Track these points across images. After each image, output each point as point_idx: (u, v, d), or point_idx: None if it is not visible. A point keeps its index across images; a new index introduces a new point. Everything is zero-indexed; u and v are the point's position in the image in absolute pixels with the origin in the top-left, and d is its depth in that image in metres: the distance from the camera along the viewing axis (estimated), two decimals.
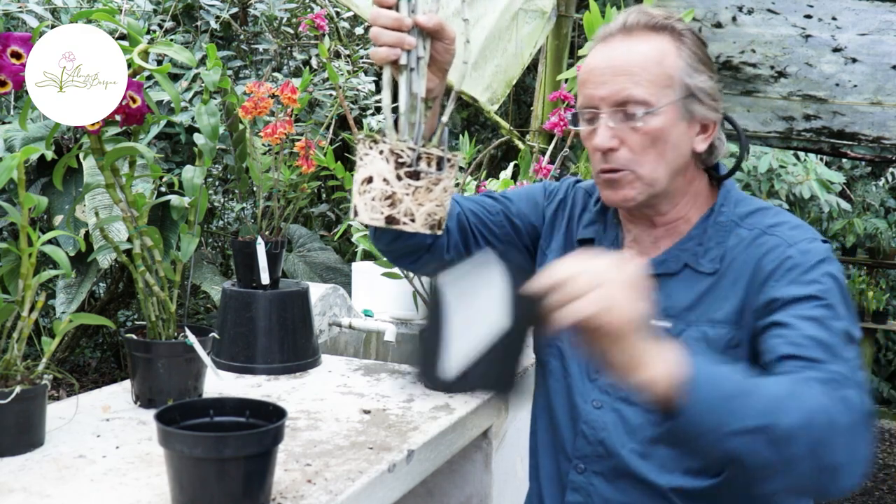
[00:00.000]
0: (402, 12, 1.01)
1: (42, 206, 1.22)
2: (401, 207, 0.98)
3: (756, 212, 1.20)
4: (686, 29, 1.17)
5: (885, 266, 6.13)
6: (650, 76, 1.13)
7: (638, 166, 1.16)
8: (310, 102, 3.49)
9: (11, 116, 3.18)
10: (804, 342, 1.02)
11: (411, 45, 1.01)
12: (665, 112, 1.13)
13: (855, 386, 0.98)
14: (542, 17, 3.05)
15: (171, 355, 1.46)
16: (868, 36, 3.00)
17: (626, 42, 1.16)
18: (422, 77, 1.03)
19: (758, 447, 0.89)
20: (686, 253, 1.19)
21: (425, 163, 0.98)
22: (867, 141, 4.04)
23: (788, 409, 0.90)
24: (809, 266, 1.10)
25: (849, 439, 0.92)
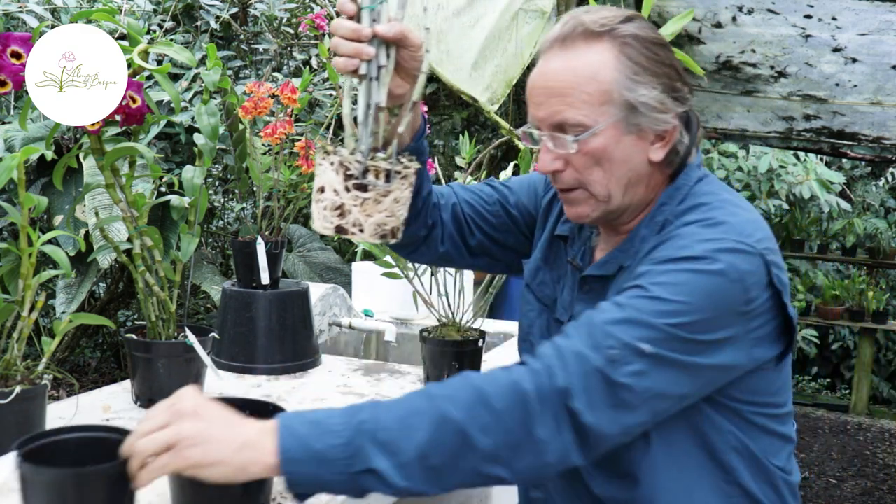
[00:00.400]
0: (363, 22, 1.01)
1: (42, 206, 1.22)
2: (349, 218, 1.00)
3: (695, 207, 1.11)
4: (630, 34, 1.08)
5: (885, 266, 6.13)
6: (585, 96, 1.07)
7: (587, 185, 1.12)
8: (310, 102, 3.49)
9: (11, 116, 3.18)
10: (581, 319, 0.99)
11: (369, 56, 1.01)
12: (604, 131, 1.08)
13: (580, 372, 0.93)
14: (542, 17, 3.05)
15: (171, 355, 1.46)
16: (868, 36, 3.00)
17: (562, 56, 1.09)
18: (382, 86, 1.03)
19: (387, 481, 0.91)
20: (623, 255, 1.15)
21: (373, 175, 1.00)
22: (867, 141, 4.04)
23: (413, 428, 0.92)
24: (669, 259, 1.02)
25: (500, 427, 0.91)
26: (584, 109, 1.07)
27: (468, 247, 1.35)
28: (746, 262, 1.01)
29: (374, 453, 0.91)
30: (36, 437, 1.00)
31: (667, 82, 1.09)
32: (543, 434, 0.92)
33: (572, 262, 1.23)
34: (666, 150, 1.12)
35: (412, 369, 1.85)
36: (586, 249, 1.24)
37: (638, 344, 0.95)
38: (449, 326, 1.75)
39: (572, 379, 0.93)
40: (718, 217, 1.06)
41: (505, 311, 3.39)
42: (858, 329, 5.91)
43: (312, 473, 0.91)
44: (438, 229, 1.31)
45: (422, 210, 1.27)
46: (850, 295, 5.91)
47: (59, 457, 1.00)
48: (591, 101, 1.07)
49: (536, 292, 1.29)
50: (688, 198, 1.13)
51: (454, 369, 1.68)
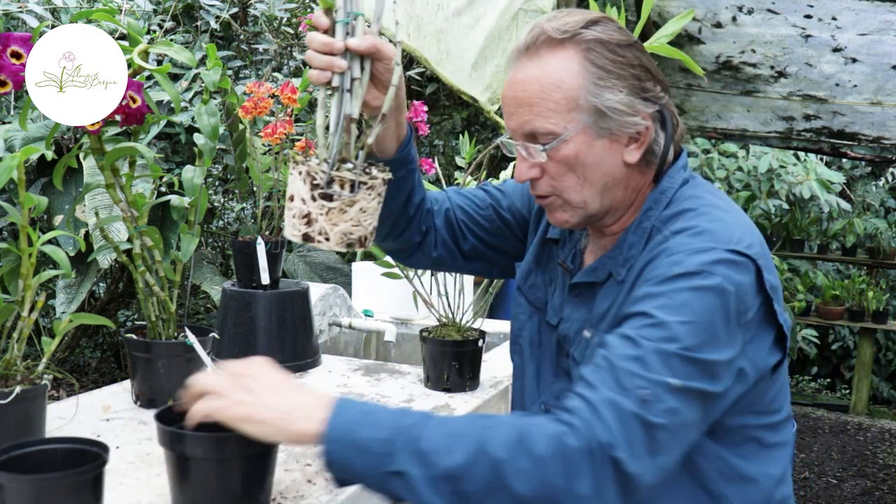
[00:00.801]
0: (336, 36, 1.03)
1: (42, 206, 1.22)
2: (315, 227, 1.02)
3: (677, 214, 1.10)
4: (594, 39, 1.08)
5: (885, 266, 6.13)
6: (552, 104, 1.07)
7: (562, 192, 1.12)
8: (310, 102, 3.49)
9: (11, 116, 3.18)
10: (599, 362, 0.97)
11: (341, 69, 1.02)
12: (574, 138, 1.08)
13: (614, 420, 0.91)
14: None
15: (171, 355, 1.46)
16: (868, 36, 3.00)
17: (529, 65, 1.10)
18: (356, 98, 1.04)
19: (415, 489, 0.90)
20: (612, 262, 1.14)
21: (338, 185, 1.01)
22: (867, 141, 4.04)
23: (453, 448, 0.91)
24: (665, 278, 1.00)
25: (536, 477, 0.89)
26: (553, 118, 1.08)
27: (462, 251, 1.35)
28: (739, 272, 1.00)
29: (409, 458, 0.91)
30: (26, 444, 1.03)
31: (635, 84, 1.09)
32: (584, 491, 0.89)
33: (563, 265, 1.24)
34: (641, 151, 1.11)
35: (412, 369, 1.85)
36: (576, 252, 1.24)
37: (666, 379, 0.94)
38: (449, 326, 1.75)
39: (612, 430, 0.90)
40: (703, 224, 1.05)
41: (505, 311, 3.39)
42: (858, 329, 5.91)
43: (348, 459, 0.92)
44: (432, 235, 1.32)
45: (415, 216, 1.27)
46: (850, 295, 5.92)
47: (44, 466, 1.02)
48: (559, 108, 1.07)
49: (528, 295, 1.30)
50: (673, 202, 1.12)
51: (454, 369, 1.68)
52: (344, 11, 1.02)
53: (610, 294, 1.13)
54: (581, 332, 1.16)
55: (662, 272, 1.01)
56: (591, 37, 1.08)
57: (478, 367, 1.72)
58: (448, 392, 1.67)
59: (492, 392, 1.70)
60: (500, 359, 1.98)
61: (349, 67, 1.02)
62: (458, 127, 5.29)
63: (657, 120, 1.12)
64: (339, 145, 1.03)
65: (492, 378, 1.79)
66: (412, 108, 1.71)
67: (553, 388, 1.22)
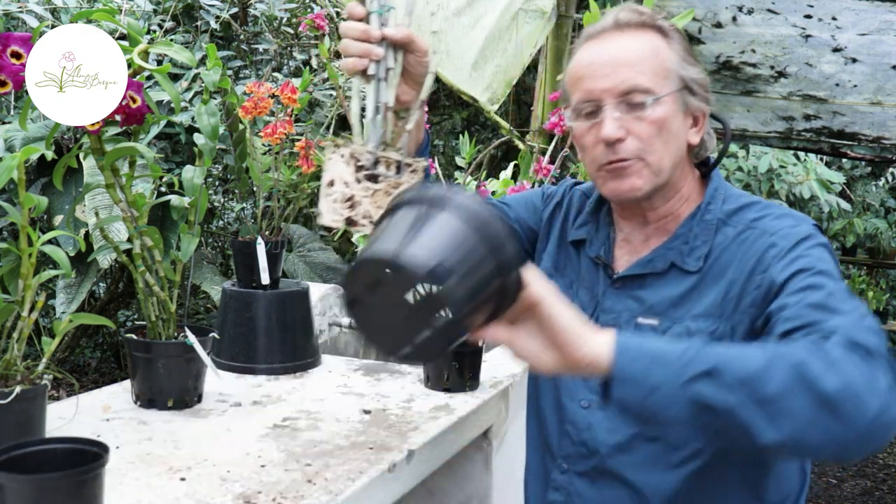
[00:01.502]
0: (371, 24, 1.03)
1: (42, 206, 1.22)
2: (359, 210, 1.00)
3: (742, 208, 1.20)
4: (671, 27, 1.20)
5: (885, 266, 6.13)
6: (650, 67, 1.15)
7: (646, 154, 1.16)
8: (310, 102, 3.49)
9: (11, 116, 3.18)
10: (800, 313, 0.99)
11: (378, 56, 1.03)
12: (667, 101, 1.16)
13: (860, 330, 0.92)
14: (542, 17, 3.05)
15: (171, 355, 1.46)
16: (868, 36, 3.00)
17: (620, 37, 1.18)
18: (391, 87, 1.05)
19: (722, 390, 0.85)
20: (673, 252, 1.20)
21: (384, 166, 1.00)
22: (867, 141, 4.04)
23: (747, 356, 0.87)
24: (791, 245, 1.09)
25: (839, 372, 0.85)
26: (652, 78, 1.15)
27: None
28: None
29: (710, 361, 0.86)
30: (26, 444, 1.03)
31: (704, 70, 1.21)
32: (885, 383, 0.87)
33: (598, 259, 1.27)
34: (699, 136, 1.21)
35: (412, 369, 1.85)
36: (607, 247, 1.28)
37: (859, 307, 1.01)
38: None
39: (876, 338, 0.92)
40: (777, 210, 1.18)
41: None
42: None
43: (642, 370, 0.86)
44: None
45: None
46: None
47: (44, 466, 1.02)
48: (656, 71, 1.16)
49: None
50: (728, 198, 1.22)
51: (454, 369, 1.68)
52: (379, 2, 1.03)
53: (677, 283, 1.18)
54: (633, 320, 1.20)
55: (783, 244, 1.10)
56: (668, 26, 1.20)
57: (478, 368, 1.72)
58: (448, 392, 1.67)
59: (492, 392, 1.70)
60: (501, 359, 1.98)
61: (384, 56, 1.03)
62: (458, 127, 5.29)
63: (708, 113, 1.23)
64: (379, 130, 1.02)
65: (492, 378, 1.79)
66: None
67: (590, 383, 1.23)
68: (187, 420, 1.44)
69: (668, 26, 1.20)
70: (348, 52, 1.05)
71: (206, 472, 1.21)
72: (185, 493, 1.14)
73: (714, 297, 1.15)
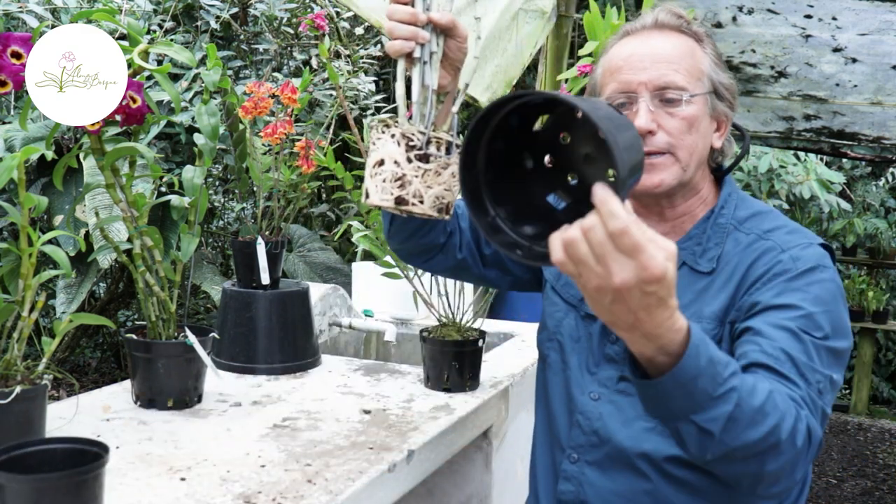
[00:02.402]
0: (416, 8, 1.05)
1: (42, 206, 1.22)
2: (410, 189, 1.00)
3: (755, 216, 1.23)
4: (705, 34, 1.25)
5: (885, 266, 6.13)
6: (687, 65, 1.19)
7: (676, 149, 1.19)
8: (310, 102, 3.49)
9: (11, 116, 3.18)
10: (777, 354, 1.04)
11: (425, 39, 1.05)
12: (698, 101, 1.19)
13: (815, 413, 1.02)
14: (542, 17, 3.05)
15: (171, 355, 1.46)
16: (868, 36, 3.00)
17: (661, 37, 1.22)
18: (434, 70, 1.06)
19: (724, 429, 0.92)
20: (685, 252, 1.22)
21: (435, 146, 1.01)
22: (867, 141, 4.04)
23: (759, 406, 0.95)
24: (797, 273, 1.12)
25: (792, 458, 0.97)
26: (688, 77, 1.19)
27: (483, 256, 1.40)
28: (831, 260, 1.17)
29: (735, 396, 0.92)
30: (26, 444, 1.03)
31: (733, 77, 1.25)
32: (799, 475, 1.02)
33: None
34: (722, 140, 1.25)
35: (412, 369, 1.85)
36: None
37: (832, 374, 1.06)
38: (449, 326, 1.74)
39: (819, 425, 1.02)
40: (790, 224, 1.21)
41: (505, 311, 3.39)
42: (858, 329, 5.91)
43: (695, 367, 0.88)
44: (457, 237, 1.35)
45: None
46: (850, 295, 5.91)
47: (44, 466, 1.02)
48: (692, 71, 1.20)
49: (562, 293, 1.34)
50: (741, 204, 1.26)
51: (454, 369, 1.68)
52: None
53: (688, 283, 1.21)
54: None
55: (787, 268, 1.13)
56: (703, 33, 1.25)
57: (478, 368, 1.72)
58: (448, 392, 1.67)
59: (492, 392, 1.70)
60: (500, 359, 1.98)
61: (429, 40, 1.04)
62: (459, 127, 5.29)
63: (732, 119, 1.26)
64: (427, 111, 1.03)
65: (492, 378, 1.79)
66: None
67: (598, 376, 1.26)
68: (187, 420, 1.44)
69: (702, 32, 1.24)
70: (395, 34, 1.06)
71: (206, 472, 1.21)
72: (185, 493, 1.14)
73: (722, 302, 1.17)
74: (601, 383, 1.25)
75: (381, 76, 4.54)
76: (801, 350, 1.05)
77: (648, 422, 1.20)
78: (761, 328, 1.08)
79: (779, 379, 1.02)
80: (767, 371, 1.03)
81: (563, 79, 1.91)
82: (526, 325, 2.42)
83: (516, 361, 1.95)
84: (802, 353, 1.05)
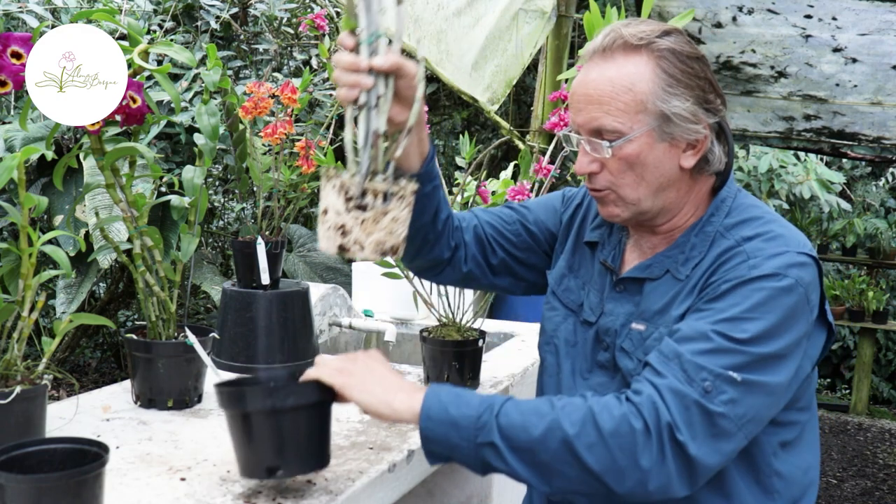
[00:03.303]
0: (361, 55, 1.07)
1: (42, 206, 1.22)
2: (350, 237, 1.06)
3: (743, 223, 1.19)
4: (667, 48, 1.15)
5: (885, 266, 6.13)
6: (621, 105, 1.14)
7: (618, 188, 1.18)
8: (310, 102, 3.49)
9: (11, 116, 3.18)
10: (668, 352, 1.08)
11: (367, 86, 1.07)
12: (638, 139, 1.14)
13: (679, 402, 1.03)
14: (542, 17, 3.05)
15: (171, 355, 1.46)
16: (868, 36, 3.00)
17: (601, 66, 1.16)
18: (381, 114, 1.08)
19: (502, 458, 1.06)
20: (669, 260, 1.21)
21: (371, 197, 1.06)
22: (867, 141, 4.04)
23: (531, 425, 1.05)
24: (746, 279, 1.09)
25: (602, 450, 1.03)
26: (621, 117, 1.14)
27: (490, 266, 1.40)
28: (808, 273, 1.11)
29: (496, 432, 1.06)
30: (26, 444, 1.03)
31: (700, 94, 1.16)
32: (647, 463, 1.02)
33: (605, 264, 1.29)
34: (697, 158, 1.18)
35: (412, 369, 1.85)
36: (617, 252, 1.30)
37: (728, 373, 1.05)
38: (449, 326, 1.75)
39: (675, 414, 1.03)
40: (775, 230, 1.15)
41: (505, 311, 3.39)
42: (858, 329, 5.91)
43: (444, 434, 1.07)
44: (462, 250, 1.37)
45: (443, 232, 1.31)
46: (850, 295, 5.91)
47: (44, 466, 1.03)
48: (627, 109, 1.14)
49: (562, 298, 1.35)
50: (733, 211, 1.21)
51: (454, 369, 1.68)
52: (367, 32, 1.06)
53: (667, 290, 1.20)
54: (628, 325, 1.22)
55: (740, 274, 1.10)
56: (665, 46, 1.15)
57: (478, 368, 1.72)
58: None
59: (492, 392, 1.70)
60: (500, 359, 1.98)
61: (374, 85, 1.07)
62: (458, 127, 5.30)
63: (714, 130, 1.19)
64: (370, 159, 1.07)
65: (492, 378, 1.79)
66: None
67: (590, 381, 1.27)
68: (187, 420, 1.44)
69: (663, 47, 1.15)
70: (339, 82, 1.08)
71: (206, 472, 1.21)
72: (185, 493, 1.14)
73: (686, 306, 1.16)
74: (592, 389, 1.25)
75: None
76: (700, 351, 1.06)
77: None
78: (680, 327, 1.11)
79: (644, 376, 1.07)
80: (645, 369, 1.09)
81: (562, 79, 1.92)
82: (526, 325, 2.42)
83: (516, 361, 1.95)
84: (700, 353, 1.05)
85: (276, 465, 1.08)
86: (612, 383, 1.24)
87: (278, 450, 1.08)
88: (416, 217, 1.20)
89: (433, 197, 1.25)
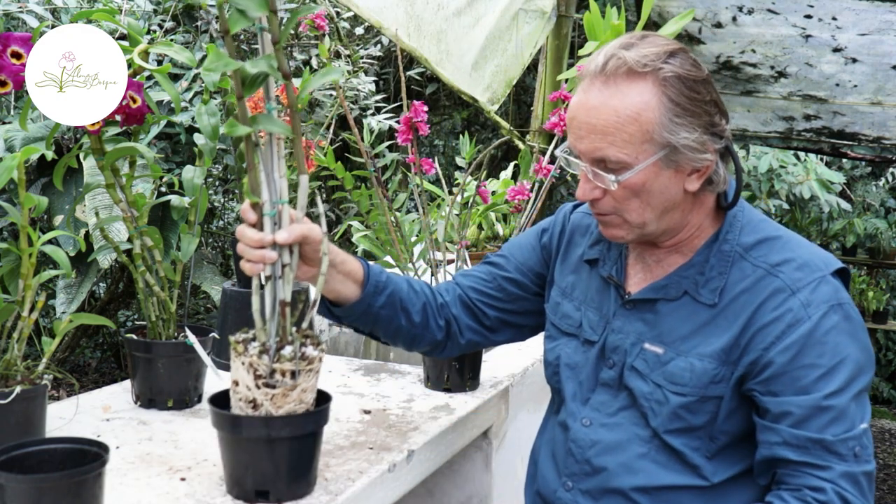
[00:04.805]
0: (265, 229, 1.09)
1: (42, 206, 1.22)
2: (262, 410, 1.08)
3: (762, 242, 1.17)
4: (673, 74, 1.10)
5: (885, 266, 6.13)
6: (626, 136, 1.10)
7: (623, 213, 1.17)
8: (310, 102, 3.49)
9: (11, 116, 3.18)
10: (803, 443, 1.08)
11: (272, 260, 1.09)
12: (644, 169, 1.12)
13: (850, 482, 1.07)
14: (542, 17, 3.05)
15: (171, 355, 1.46)
16: (868, 36, 3.00)
17: (605, 92, 1.11)
18: (287, 283, 1.10)
19: None
20: (687, 280, 1.19)
21: (279, 375, 1.08)
22: (867, 141, 4.04)
23: None
24: (811, 327, 1.10)
25: None
26: (626, 149, 1.11)
27: (487, 327, 1.40)
28: (843, 288, 1.16)
29: None
30: (26, 444, 1.03)
31: (707, 120, 1.13)
32: None
33: (611, 279, 1.27)
34: (701, 182, 1.16)
35: (412, 369, 1.85)
36: (619, 266, 1.28)
37: (860, 427, 1.10)
38: None
39: (856, 495, 1.07)
40: (800, 255, 1.16)
41: None
42: None
43: None
44: (454, 325, 1.37)
45: (426, 321, 1.32)
46: (850, 295, 5.90)
47: (44, 466, 1.03)
48: (633, 140, 1.11)
49: (560, 326, 1.33)
50: (746, 227, 1.20)
51: (454, 369, 1.68)
52: (270, 204, 1.09)
53: (689, 314, 1.18)
54: (640, 343, 1.20)
55: (798, 317, 1.11)
56: (670, 72, 1.10)
57: (478, 368, 1.72)
58: (448, 392, 1.67)
59: (492, 392, 1.70)
60: (501, 359, 1.98)
61: (279, 256, 1.09)
62: (458, 127, 5.30)
63: (720, 153, 1.16)
64: (278, 328, 1.10)
65: (492, 378, 1.79)
66: (412, 108, 1.71)
67: (593, 402, 1.25)
68: (187, 420, 1.44)
69: (669, 73, 1.10)
70: (245, 256, 1.10)
71: (206, 472, 1.21)
72: (185, 493, 1.14)
73: (725, 341, 1.14)
74: (594, 408, 1.24)
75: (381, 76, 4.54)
76: (828, 422, 1.08)
77: (641, 446, 1.18)
78: (783, 410, 1.10)
79: (805, 471, 1.08)
80: (792, 468, 1.09)
81: (562, 79, 1.91)
82: None
83: (516, 361, 1.95)
84: (829, 426, 1.08)
85: (265, 490, 1.10)
86: (614, 402, 1.22)
87: (270, 476, 1.09)
88: (388, 324, 1.26)
89: (392, 305, 1.26)
